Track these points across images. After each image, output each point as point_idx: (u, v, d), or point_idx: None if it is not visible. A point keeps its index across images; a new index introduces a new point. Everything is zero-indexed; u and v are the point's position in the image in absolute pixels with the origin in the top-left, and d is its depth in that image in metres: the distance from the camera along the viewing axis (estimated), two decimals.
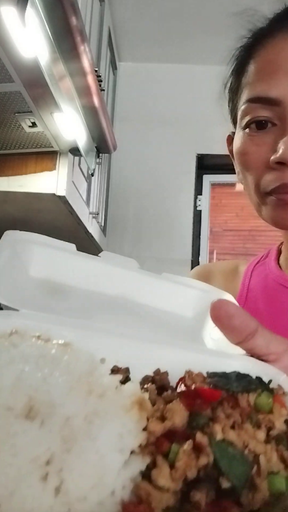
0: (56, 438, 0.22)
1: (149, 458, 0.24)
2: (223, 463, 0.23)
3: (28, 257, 0.42)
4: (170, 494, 0.23)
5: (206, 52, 2.58)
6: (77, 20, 1.15)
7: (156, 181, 2.72)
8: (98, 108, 1.52)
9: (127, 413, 0.25)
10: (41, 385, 0.24)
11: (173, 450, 0.24)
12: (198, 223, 2.78)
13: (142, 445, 0.24)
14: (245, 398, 0.28)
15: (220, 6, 2.23)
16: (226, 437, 0.25)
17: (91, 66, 1.34)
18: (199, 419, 0.26)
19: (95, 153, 1.79)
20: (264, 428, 0.27)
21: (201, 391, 0.27)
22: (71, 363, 0.27)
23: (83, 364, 0.27)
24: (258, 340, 0.32)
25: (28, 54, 1.09)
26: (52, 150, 1.60)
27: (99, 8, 2.19)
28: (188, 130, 2.75)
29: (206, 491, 0.23)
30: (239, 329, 0.32)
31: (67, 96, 1.35)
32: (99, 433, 0.23)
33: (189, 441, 0.24)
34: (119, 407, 0.25)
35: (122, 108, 2.81)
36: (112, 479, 0.22)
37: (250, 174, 0.62)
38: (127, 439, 0.24)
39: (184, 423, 0.26)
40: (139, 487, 0.23)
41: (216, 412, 0.26)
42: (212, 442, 0.24)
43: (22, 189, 1.60)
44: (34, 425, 0.22)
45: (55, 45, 1.19)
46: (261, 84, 0.59)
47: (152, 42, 2.63)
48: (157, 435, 0.25)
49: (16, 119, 1.39)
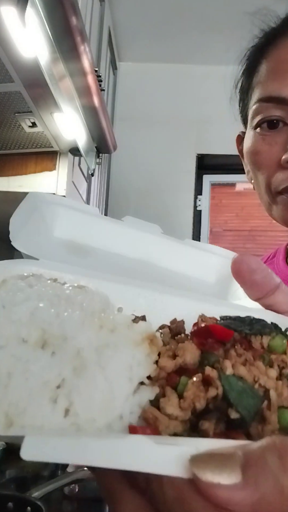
0: (67, 366, 0.24)
1: (158, 389, 0.25)
2: (232, 395, 0.24)
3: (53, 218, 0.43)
4: (178, 422, 0.24)
5: (206, 52, 2.58)
6: (77, 20, 1.15)
7: (156, 181, 2.72)
8: (98, 108, 1.52)
9: (137, 346, 0.26)
10: (54, 319, 0.25)
11: (182, 382, 0.25)
12: (198, 223, 2.78)
13: (152, 378, 0.26)
14: (258, 340, 0.28)
15: (220, 6, 2.23)
16: (236, 372, 0.25)
17: (91, 66, 1.33)
18: (210, 357, 0.26)
19: (95, 153, 1.79)
20: (276, 367, 0.27)
21: (212, 328, 0.27)
22: (85, 301, 0.28)
23: (97, 303, 0.28)
24: (279, 296, 0.31)
25: (28, 54, 1.09)
26: (52, 150, 1.60)
27: (99, 8, 2.19)
28: (188, 130, 2.75)
29: (214, 421, 0.24)
30: (260, 284, 0.31)
31: (67, 96, 1.35)
32: (108, 363, 0.25)
33: (198, 374, 0.25)
34: (129, 341, 0.26)
35: (122, 108, 2.81)
36: (120, 404, 0.24)
37: (261, 173, 0.62)
38: (136, 370, 0.25)
39: (196, 361, 0.26)
40: (147, 412, 0.24)
41: (229, 352, 0.27)
42: (221, 376, 0.25)
43: (22, 189, 1.60)
44: (45, 353, 0.24)
45: (55, 45, 1.19)
46: (273, 83, 0.59)
47: (152, 42, 2.63)
48: (168, 371, 0.26)
49: (16, 119, 1.39)
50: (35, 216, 0.41)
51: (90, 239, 0.44)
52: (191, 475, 0.18)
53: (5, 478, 1.22)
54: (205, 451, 0.19)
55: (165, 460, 0.19)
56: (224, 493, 0.18)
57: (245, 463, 0.18)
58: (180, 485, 0.19)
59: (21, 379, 0.23)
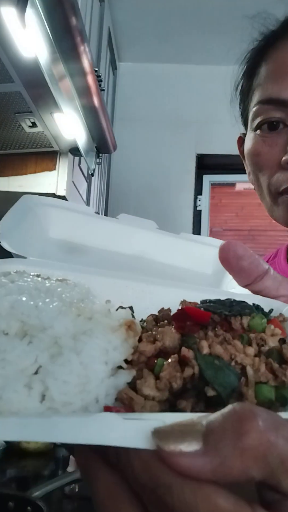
0: (44, 354, 0.25)
1: (135, 372, 0.26)
2: (208, 374, 0.24)
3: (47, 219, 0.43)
4: (155, 403, 0.24)
5: (206, 52, 2.58)
6: (77, 20, 1.16)
7: (156, 181, 2.72)
8: (98, 108, 1.52)
9: (114, 332, 0.27)
10: (32, 311, 0.26)
11: (159, 364, 0.25)
12: (198, 223, 2.78)
13: (134, 362, 0.26)
14: (238, 321, 0.28)
15: (220, 7, 2.23)
16: (212, 352, 0.26)
17: (91, 66, 1.34)
18: (189, 340, 0.26)
19: (95, 153, 1.79)
20: (255, 345, 0.27)
21: (189, 310, 0.27)
22: (64, 293, 0.29)
23: (76, 294, 0.29)
24: (268, 281, 0.32)
25: (28, 54, 1.09)
26: (52, 150, 1.60)
27: (99, 8, 2.19)
28: (188, 130, 2.75)
29: (192, 400, 0.24)
30: (248, 271, 0.31)
31: (67, 96, 1.35)
32: (83, 348, 0.25)
33: (174, 355, 0.25)
34: (106, 327, 0.27)
35: (122, 108, 2.81)
36: (95, 386, 0.24)
37: (262, 174, 0.63)
38: (112, 354, 0.26)
39: (176, 345, 0.26)
40: (121, 392, 0.25)
41: (207, 334, 0.27)
42: (197, 356, 0.25)
43: (22, 189, 1.60)
44: (22, 343, 0.25)
45: (55, 45, 1.19)
46: (273, 85, 0.59)
47: (152, 42, 2.63)
48: (147, 355, 0.26)
49: (16, 119, 1.39)
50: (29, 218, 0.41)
51: (85, 238, 0.44)
52: (155, 446, 0.19)
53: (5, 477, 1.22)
54: (169, 423, 0.20)
55: (131, 433, 0.19)
56: (185, 461, 0.19)
57: (207, 431, 0.19)
58: (146, 457, 0.19)
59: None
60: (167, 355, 0.26)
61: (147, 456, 0.19)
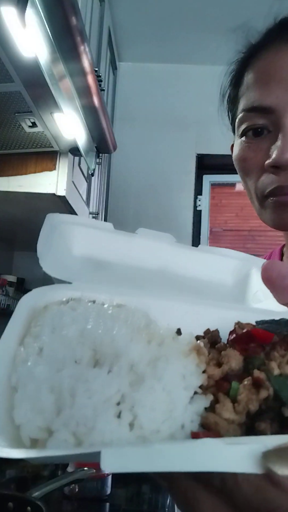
0: (124, 382, 0.25)
1: (211, 397, 0.26)
2: (283, 394, 0.25)
3: (70, 237, 0.44)
4: (236, 426, 0.25)
5: (206, 52, 2.57)
6: (77, 20, 1.15)
7: (156, 181, 2.72)
8: (98, 108, 1.51)
9: (187, 357, 0.27)
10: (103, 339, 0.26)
11: (233, 387, 0.26)
12: (198, 223, 2.78)
13: (203, 387, 0.27)
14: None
15: (220, 7, 2.23)
16: (283, 372, 0.26)
17: (91, 66, 1.33)
18: (254, 361, 0.27)
19: (95, 153, 1.79)
20: None
21: (254, 333, 0.28)
22: (128, 319, 0.29)
23: (139, 319, 0.30)
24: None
25: (28, 54, 1.09)
26: (52, 150, 1.60)
27: (99, 8, 2.19)
28: (188, 130, 2.75)
29: (270, 422, 0.24)
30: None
31: (67, 96, 1.35)
32: (163, 374, 0.26)
33: (248, 378, 0.26)
34: (178, 352, 0.27)
35: (122, 108, 2.81)
36: (181, 413, 0.25)
37: (249, 179, 0.65)
38: (190, 379, 0.26)
39: (240, 367, 0.27)
40: (207, 418, 0.25)
41: (270, 354, 0.27)
42: (270, 377, 0.26)
43: (22, 189, 1.60)
44: (102, 372, 0.25)
45: (55, 45, 1.19)
46: (255, 94, 0.62)
47: (152, 42, 2.63)
48: (216, 378, 0.27)
49: (16, 119, 1.39)
50: (55, 238, 0.42)
51: (107, 254, 0.45)
52: (266, 470, 0.19)
53: (5, 478, 1.22)
54: (274, 446, 0.20)
55: (238, 458, 0.19)
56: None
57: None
58: (256, 481, 0.20)
59: (84, 398, 0.24)
60: (233, 378, 0.26)
61: (257, 480, 0.20)
